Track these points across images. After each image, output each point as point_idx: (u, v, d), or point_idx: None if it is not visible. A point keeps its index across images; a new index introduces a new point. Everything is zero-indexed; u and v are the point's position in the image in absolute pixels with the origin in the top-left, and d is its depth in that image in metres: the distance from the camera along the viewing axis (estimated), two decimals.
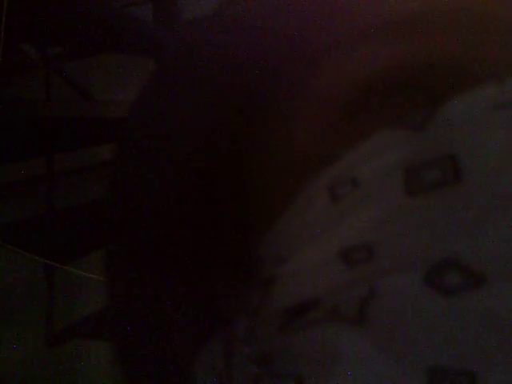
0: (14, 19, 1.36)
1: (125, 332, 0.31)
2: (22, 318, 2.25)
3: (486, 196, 0.23)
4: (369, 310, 0.23)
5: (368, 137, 0.24)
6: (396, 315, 0.22)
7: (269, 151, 0.26)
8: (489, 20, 0.26)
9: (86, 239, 1.69)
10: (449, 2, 0.27)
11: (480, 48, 0.25)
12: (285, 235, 0.25)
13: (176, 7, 1.60)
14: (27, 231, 1.70)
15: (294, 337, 0.24)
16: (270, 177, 0.26)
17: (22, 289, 2.27)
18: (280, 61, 0.27)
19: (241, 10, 0.30)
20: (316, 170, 0.25)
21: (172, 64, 0.32)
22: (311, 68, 0.27)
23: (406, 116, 0.24)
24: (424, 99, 0.25)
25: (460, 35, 0.26)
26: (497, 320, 0.22)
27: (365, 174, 0.24)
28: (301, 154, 0.26)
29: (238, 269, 0.26)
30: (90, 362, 2.20)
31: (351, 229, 0.24)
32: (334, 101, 0.26)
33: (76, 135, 1.60)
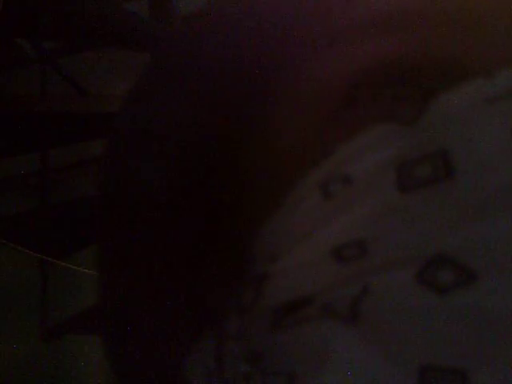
0: (10, 14, 1.36)
1: (116, 331, 0.31)
2: (17, 313, 2.25)
3: (478, 191, 0.22)
4: (361, 308, 0.23)
5: (360, 133, 0.24)
6: (388, 312, 0.22)
7: (261, 148, 0.26)
8: (479, 16, 0.26)
9: (81, 234, 1.70)
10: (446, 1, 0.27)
11: (470, 43, 0.25)
12: (277, 233, 0.25)
13: (172, 3, 1.60)
14: (22, 226, 1.70)
15: (286, 334, 0.24)
16: (263, 174, 0.26)
17: (17, 284, 2.27)
18: (272, 57, 0.27)
19: (233, 6, 0.30)
20: (308, 168, 0.25)
21: (166, 60, 0.32)
22: (303, 64, 0.27)
23: (398, 111, 0.24)
24: (415, 94, 0.24)
25: (451, 31, 0.26)
26: (488, 317, 0.22)
27: (357, 171, 0.24)
28: (293, 152, 0.26)
29: (231, 267, 0.26)
30: (85, 357, 2.20)
31: (343, 226, 0.24)
32: (326, 97, 0.26)
33: (72, 130, 1.60)
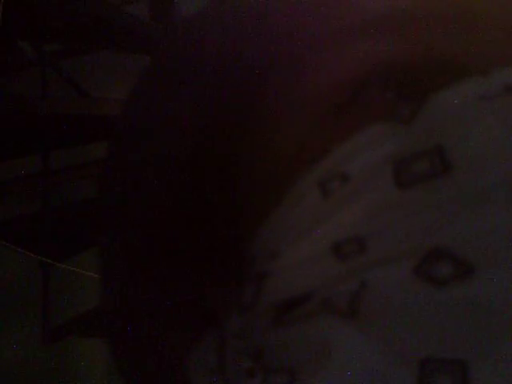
0: (11, 17, 1.36)
1: (118, 330, 0.31)
2: (18, 315, 2.25)
3: (474, 186, 0.23)
4: (360, 303, 0.23)
5: (357, 131, 0.25)
6: (387, 307, 0.23)
7: (259, 148, 0.27)
8: (474, 15, 0.27)
9: (83, 236, 1.70)
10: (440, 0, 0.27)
11: (466, 42, 0.26)
12: (277, 231, 0.25)
13: (172, 5, 1.60)
14: (23, 229, 1.70)
15: (287, 331, 0.24)
16: (261, 173, 0.26)
17: (18, 286, 2.26)
18: (269, 57, 0.28)
19: (232, 7, 0.30)
20: (306, 166, 0.25)
21: (166, 61, 0.32)
22: (301, 64, 0.27)
23: (395, 110, 0.24)
24: (411, 93, 0.25)
25: (446, 30, 0.26)
26: (486, 309, 0.22)
27: (354, 169, 0.24)
28: (291, 150, 0.26)
29: (231, 265, 0.26)
30: (86, 359, 2.20)
31: (342, 222, 0.24)
32: (324, 96, 0.26)
33: (73, 132, 1.60)
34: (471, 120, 0.23)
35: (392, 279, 0.23)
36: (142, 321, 0.30)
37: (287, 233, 0.25)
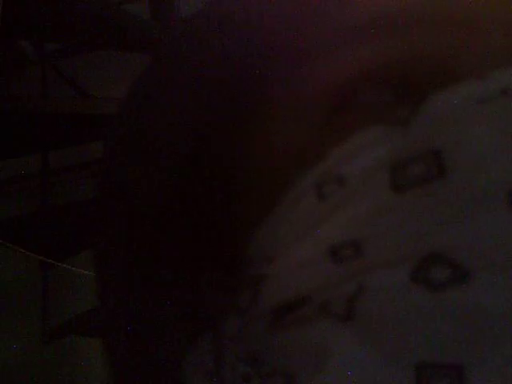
0: (11, 16, 1.36)
1: (113, 332, 0.31)
2: (18, 315, 2.25)
3: (471, 190, 0.23)
4: (357, 307, 0.23)
5: (353, 134, 0.24)
6: (384, 311, 0.22)
7: (256, 150, 0.26)
8: (471, 18, 0.26)
9: (82, 236, 1.70)
10: (434, 1, 0.27)
11: (462, 44, 0.26)
12: (273, 234, 0.25)
13: (171, 4, 1.60)
14: (23, 228, 1.71)
15: (284, 335, 0.24)
16: (258, 175, 0.26)
17: (18, 286, 2.27)
18: (268, 58, 0.27)
19: (231, 7, 0.30)
20: (303, 169, 0.25)
21: (164, 61, 0.32)
22: (298, 66, 0.27)
23: (391, 112, 0.24)
24: (408, 95, 0.25)
25: (442, 32, 0.26)
26: (483, 313, 0.22)
27: (351, 172, 0.24)
28: (288, 153, 0.26)
29: (228, 268, 0.26)
30: (85, 358, 2.20)
31: (339, 226, 0.24)
32: (320, 98, 0.26)
33: (72, 132, 1.60)
34: (468, 123, 0.23)
35: (388, 283, 0.23)
36: (138, 323, 0.29)
37: (284, 236, 0.25)
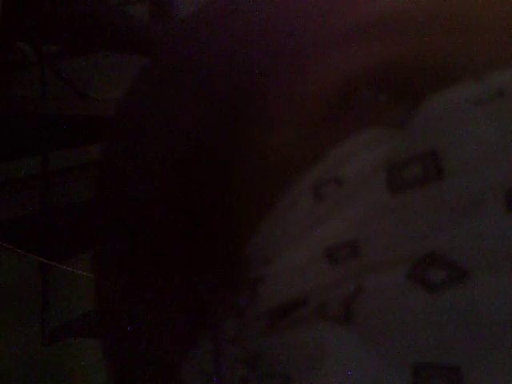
0: (10, 17, 1.36)
1: (111, 334, 0.31)
2: (18, 317, 2.25)
3: (468, 191, 0.23)
4: (354, 308, 0.23)
5: (351, 135, 0.24)
6: (381, 312, 0.22)
7: (254, 151, 0.26)
8: (468, 19, 0.26)
9: (82, 237, 1.69)
10: (431, 3, 0.27)
11: (459, 46, 0.26)
12: (270, 236, 0.25)
13: (171, 6, 1.60)
14: (22, 230, 1.70)
15: (282, 337, 0.24)
16: (255, 176, 0.26)
17: (18, 287, 2.27)
18: (266, 59, 0.27)
19: (230, 7, 0.30)
20: (300, 171, 0.25)
21: (163, 61, 0.32)
22: (296, 67, 0.27)
23: (389, 113, 0.24)
24: (405, 96, 0.25)
25: (440, 34, 0.26)
26: (481, 314, 0.22)
27: (348, 173, 0.24)
28: (285, 154, 0.26)
29: (225, 270, 0.26)
30: (85, 359, 2.20)
31: (336, 227, 0.24)
32: (318, 100, 0.26)
33: (72, 134, 1.60)
34: (465, 125, 0.23)
35: (386, 284, 0.23)
36: (136, 325, 0.29)
37: (281, 237, 0.25)
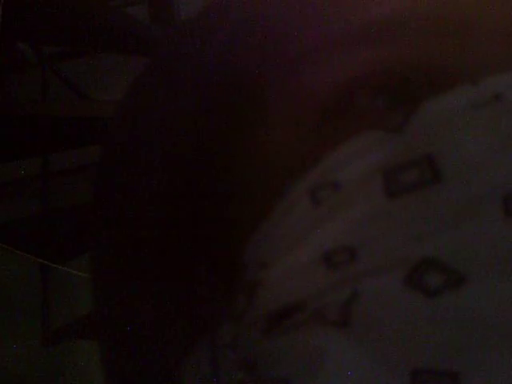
0: (11, 18, 1.36)
1: (109, 337, 0.31)
2: (18, 318, 2.25)
3: (464, 195, 0.23)
4: (351, 313, 0.23)
5: (348, 139, 0.24)
6: (378, 317, 0.22)
7: (252, 155, 0.26)
8: (464, 24, 0.26)
9: (82, 239, 1.69)
10: (428, 7, 0.27)
11: (456, 51, 0.26)
12: (268, 240, 0.25)
13: (172, 7, 1.60)
14: (22, 231, 1.70)
15: (279, 341, 0.24)
16: (253, 180, 0.26)
17: (18, 288, 2.27)
18: (264, 61, 0.27)
19: (230, 9, 0.30)
20: (297, 175, 0.25)
21: (163, 63, 0.32)
22: (293, 70, 0.27)
23: (385, 118, 0.24)
24: (402, 100, 0.25)
25: (436, 39, 0.26)
26: (478, 319, 0.22)
27: (345, 177, 0.24)
28: (282, 158, 0.26)
29: (223, 275, 0.26)
30: (86, 362, 2.20)
31: (333, 232, 0.24)
32: (315, 104, 0.26)
33: (72, 135, 1.60)
34: (462, 129, 0.23)
35: (383, 289, 0.23)
36: (135, 328, 0.29)
37: (278, 242, 0.25)
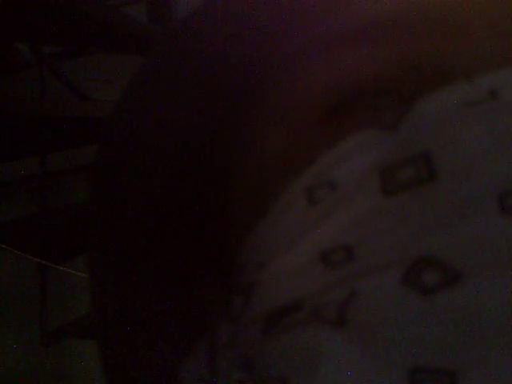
0: (10, 18, 1.36)
1: (108, 338, 0.31)
2: (17, 318, 2.25)
3: (461, 193, 0.23)
4: (349, 312, 0.23)
5: (344, 138, 0.24)
6: (376, 315, 0.22)
7: (248, 154, 0.26)
8: (459, 23, 0.27)
9: (81, 239, 1.69)
10: (425, 8, 0.27)
11: (451, 49, 0.26)
12: (265, 240, 0.25)
13: (169, 7, 1.60)
14: (21, 230, 1.70)
15: (277, 340, 0.24)
16: (250, 180, 0.26)
17: (17, 289, 2.27)
18: (263, 60, 0.27)
19: (227, 9, 0.30)
20: (294, 174, 0.25)
21: (160, 62, 0.32)
22: (289, 69, 0.27)
23: (381, 116, 0.24)
24: (397, 99, 0.25)
25: (431, 38, 0.26)
26: (475, 317, 0.22)
27: (342, 176, 0.24)
28: (279, 157, 0.26)
29: (220, 275, 0.26)
30: (85, 362, 2.20)
31: (330, 231, 0.24)
32: (312, 103, 0.26)
33: (71, 135, 1.60)
34: (457, 126, 0.23)
35: (380, 288, 0.23)
36: (132, 331, 0.29)
37: (275, 241, 0.25)
